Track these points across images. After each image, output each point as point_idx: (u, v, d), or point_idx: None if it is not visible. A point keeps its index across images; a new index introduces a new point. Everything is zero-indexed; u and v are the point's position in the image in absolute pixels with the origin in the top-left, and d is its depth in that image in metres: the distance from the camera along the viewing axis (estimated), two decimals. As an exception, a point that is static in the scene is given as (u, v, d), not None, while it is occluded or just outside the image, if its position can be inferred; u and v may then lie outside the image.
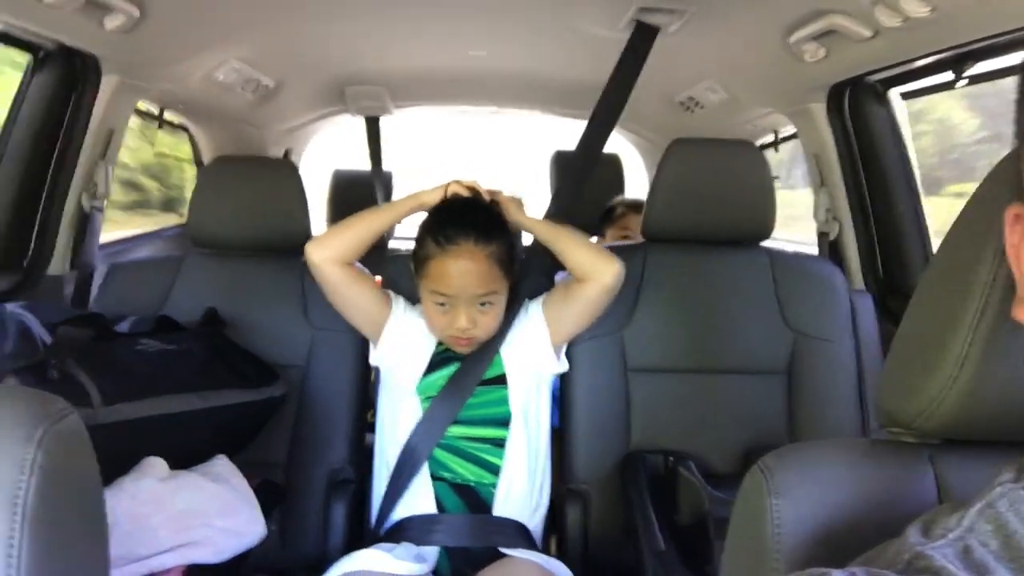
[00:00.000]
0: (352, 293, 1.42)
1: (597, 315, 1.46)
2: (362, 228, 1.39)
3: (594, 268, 1.37)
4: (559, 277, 1.83)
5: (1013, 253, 0.47)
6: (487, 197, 1.42)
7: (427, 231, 1.34)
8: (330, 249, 1.38)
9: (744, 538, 0.66)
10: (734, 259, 1.68)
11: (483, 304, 1.33)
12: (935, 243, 1.85)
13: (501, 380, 1.43)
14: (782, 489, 0.61)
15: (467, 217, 1.33)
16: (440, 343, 1.44)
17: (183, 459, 1.32)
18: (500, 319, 1.39)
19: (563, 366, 1.50)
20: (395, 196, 3.18)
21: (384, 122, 3.15)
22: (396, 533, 1.38)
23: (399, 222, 1.45)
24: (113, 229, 2.42)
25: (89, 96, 1.76)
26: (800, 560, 0.59)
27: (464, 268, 1.29)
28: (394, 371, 1.47)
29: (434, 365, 1.43)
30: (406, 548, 1.31)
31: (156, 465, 1.24)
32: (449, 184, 1.40)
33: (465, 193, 1.39)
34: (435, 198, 1.38)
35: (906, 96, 1.83)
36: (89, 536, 0.64)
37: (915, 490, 0.62)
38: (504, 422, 1.41)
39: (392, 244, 3.33)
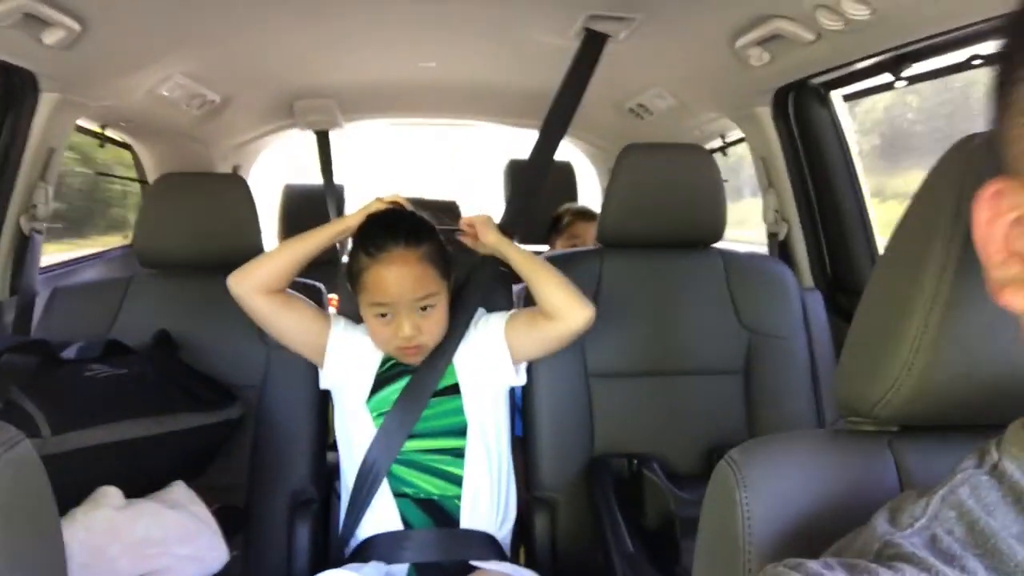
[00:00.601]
0: (283, 320, 1.40)
1: (557, 350, 1.46)
2: (284, 257, 1.38)
3: (567, 310, 1.36)
4: (517, 289, 1.84)
5: (982, 232, 0.46)
6: (408, 207, 1.41)
7: (358, 246, 1.34)
8: (253, 279, 1.36)
9: (715, 532, 0.66)
10: (688, 261, 1.70)
11: (424, 308, 1.33)
12: (880, 241, 1.91)
13: (455, 390, 1.42)
14: (750, 482, 0.62)
15: (394, 224, 1.33)
16: (387, 358, 1.43)
17: (139, 487, 1.28)
18: (444, 323, 1.38)
19: (521, 379, 1.49)
20: (347, 209, 3.16)
21: (335, 135, 3.12)
22: (363, 552, 1.36)
23: (325, 247, 1.42)
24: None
25: (27, 114, 1.70)
26: (772, 550, 0.60)
27: (398, 273, 1.29)
28: (342, 391, 1.45)
29: (383, 381, 1.41)
30: (375, 567, 1.29)
31: (110, 494, 1.20)
32: (370, 204, 1.40)
33: (388, 208, 1.39)
34: (356, 220, 1.38)
35: (847, 98, 1.88)
36: (47, 565, 0.62)
37: (877, 477, 0.63)
38: (461, 431, 1.40)
39: (346, 259, 3.30)
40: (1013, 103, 0.43)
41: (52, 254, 2.27)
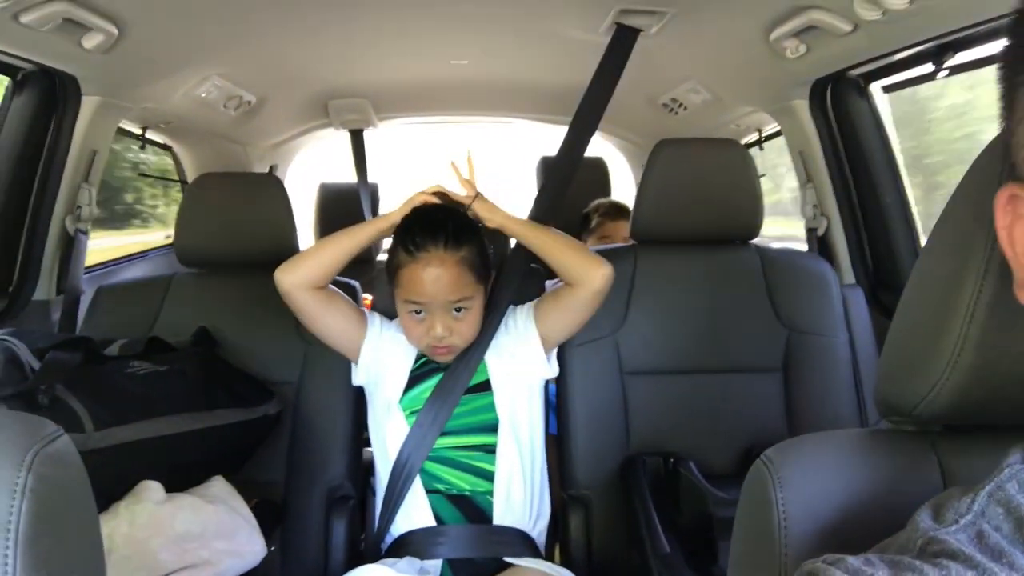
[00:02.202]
0: (325, 316, 1.41)
1: (587, 319, 1.45)
2: (329, 252, 1.39)
3: (584, 272, 1.37)
4: (550, 284, 1.83)
5: (1006, 236, 0.47)
6: (457, 198, 1.41)
7: (398, 241, 1.34)
8: (298, 275, 1.37)
9: (751, 532, 0.65)
10: (724, 258, 1.68)
11: (458, 310, 1.33)
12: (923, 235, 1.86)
13: (486, 386, 1.42)
14: (787, 482, 0.61)
15: (435, 224, 1.32)
16: (420, 356, 1.44)
17: (179, 481, 1.30)
18: (478, 325, 1.39)
19: (553, 370, 1.49)
20: (382, 208, 3.19)
21: (369, 134, 3.15)
22: (398, 548, 1.37)
23: (368, 244, 1.42)
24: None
25: (70, 117, 1.75)
26: (808, 552, 0.59)
27: (435, 275, 1.29)
28: (376, 389, 1.46)
29: (416, 379, 1.42)
30: (409, 563, 1.30)
31: (152, 488, 1.23)
32: (414, 197, 1.40)
33: (432, 201, 1.39)
34: (400, 216, 1.38)
35: (888, 89, 1.84)
36: (85, 558, 0.63)
37: (919, 478, 0.62)
38: (492, 428, 1.40)
39: (381, 257, 3.33)
40: (1021, 107, 0.42)
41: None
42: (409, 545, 1.36)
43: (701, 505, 1.37)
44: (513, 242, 1.53)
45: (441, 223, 1.32)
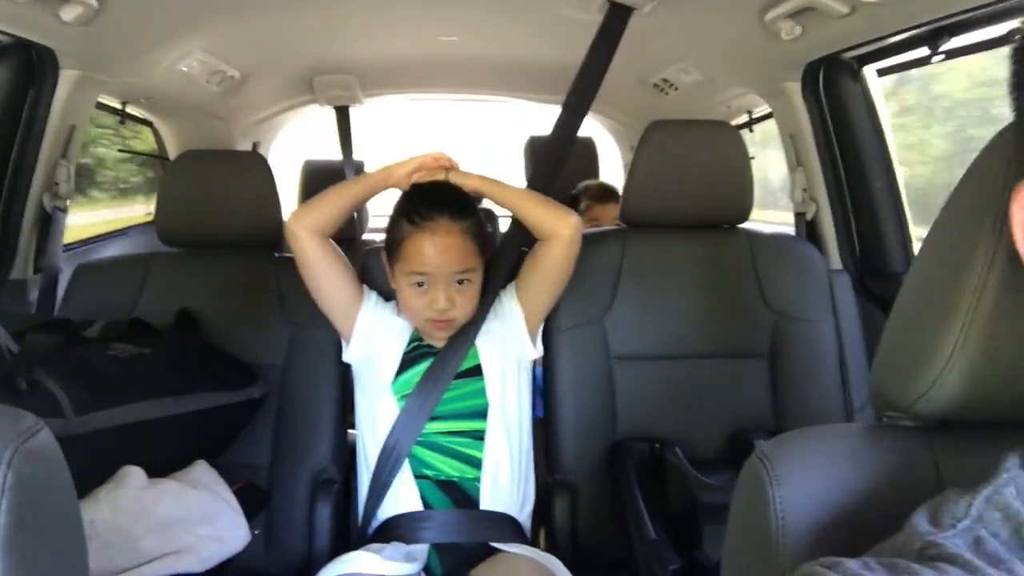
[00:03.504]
0: (328, 270, 1.40)
1: (564, 278, 1.45)
2: (339, 198, 1.40)
3: (552, 222, 1.39)
4: None
5: (1021, 232, 0.45)
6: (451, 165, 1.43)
7: (400, 213, 1.34)
8: (310, 217, 1.38)
9: (746, 529, 0.65)
10: (713, 242, 1.67)
11: (460, 282, 1.33)
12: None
13: (476, 371, 1.42)
14: (783, 479, 0.60)
15: (440, 194, 1.35)
16: (412, 339, 1.42)
17: (162, 466, 1.28)
18: (476, 300, 1.39)
19: (538, 351, 1.50)
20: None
21: (354, 110, 3.10)
22: (384, 532, 1.36)
23: (374, 195, 1.45)
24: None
25: (47, 91, 1.69)
26: (805, 549, 0.58)
27: (441, 244, 1.30)
28: (368, 370, 1.45)
29: (408, 363, 1.41)
30: (395, 548, 1.30)
31: (134, 474, 1.21)
32: (419, 157, 1.41)
33: (432, 163, 1.41)
34: (405, 170, 1.40)
35: (882, 73, 1.82)
36: (66, 554, 0.62)
37: (916, 475, 0.61)
38: (481, 413, 1.40)
39: (366, 236, 3.30)
40: None
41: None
42: (395, 529, 1.35)
43: (687, 490, 1.37)
44: (503, 227, 1.52)
45: (445, 194, 1.35)
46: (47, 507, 0.58)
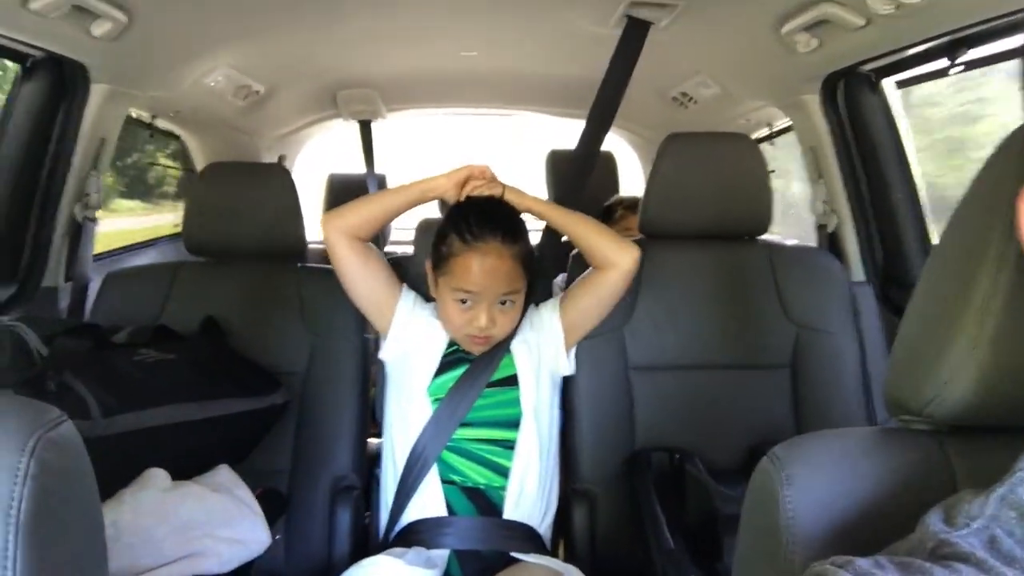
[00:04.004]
0: (363, 270, 1.41)
1: (612, 306, 1.47)
2: (375, 205, 1.41)
3: (615, 253, 1.40)
4: (558, 283, 1.83)
5: None
6: (488, 188, 1.41)
7: (452, 227, 1.33)
8: (344, 221, 1.38)
9: (757, 529, 0.65)
10: (733, 253, 1.67)
11: (503, 303, 1.33)
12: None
13: (512, 381, 1.42)
14: (794, 479, 0.61)
15: (493, 215, 1.33)
16: (451, 343, 1.43)
17: (185, 469, 1.30)
18: (517, 319, 1.39)
19: (572, 367, 1.51)
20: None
21: (377, 124, 3.15)
22: (406, 536, 1.37)
23: (414, 206, 1.44)
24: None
25: (79, 105, 1.75)
26: (814, 550, 0.58)
27: (491, 266, 1.29)
28: (404, 370, 1.45)
29: (445, 366, 1.42)
30: (416, 552, 1.30)
31: (158, 476, 1.23)
32: (460, 170, 1.40)
33: (478, 178, 1.40)
34: (454, 180, 1.39)
35: (901, 84, 1.82)
36: (86, 545, 0.63)
37: (928, 478, 0.61)
38: (514, 423, 1.40)
39: (389, 249, 3.33)
40: None
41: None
42: (417, 534, 1.36)
43: (706, 501, 1.36)
44: (536, 238, 1.52)
45: (499, 215, 1.34)
46: (68, 495, 0.60)
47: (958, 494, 0.49)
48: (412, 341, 1.44)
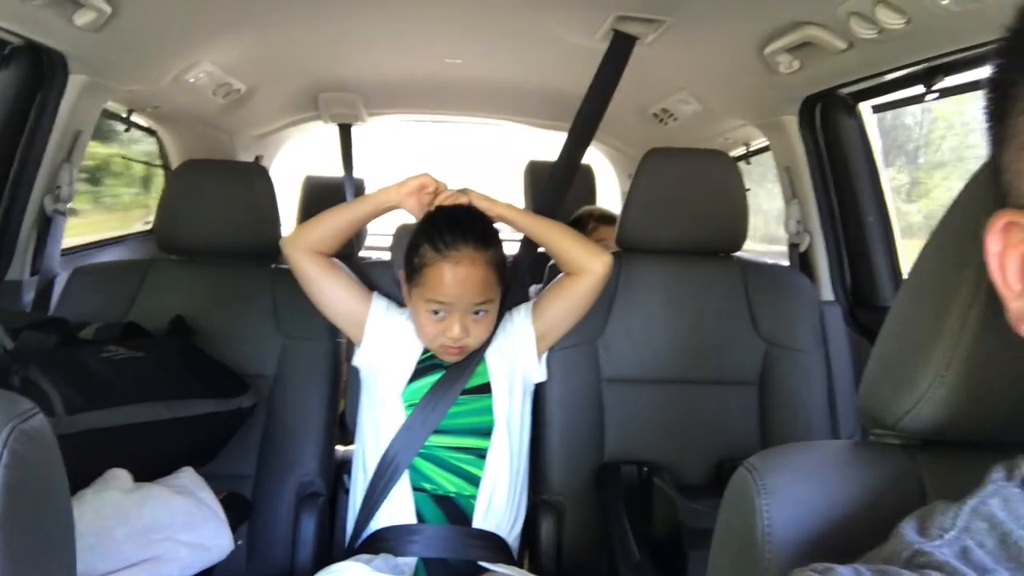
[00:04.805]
0: (328, 286, 1.42)
1: (584, 311, 1.47)
2: (334, 221, 1.41)
3: (587, 259, 1.40)
4: (533, 290, 1.83)
5: (996, 263, 0.46)
6: (451, 195, 1.40)
7: (424, 237, 1.32)
8: (304, 239, 1.40)
9: (734, 537, 0.65)
10: (707, 270, 1.69)
11: (477, 312, 1.33)
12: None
13: (486, 389, 1.42)
14: (771, 489, 0.61)
15: (465, 222, 1.32)
16: (426, 349, 1.42)
17: (148, 471, 1.27)
18: (491, 328, 1.39)
19: (543, 374, 1.51)
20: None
21: (356, 129, 3.13)
22: (373, 543, 1.35)
23: (372, 218, 1.44)
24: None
25: (55, 95, 1.71)
26: (791, 557, 0.59)
27: (464, 275, 1.28)
28: (377, 376, 1.44)
29: (419, 372, 1.41)
30: (384, 560, 1.29)
31: (120, 477, 1.20)
32: (410, 180, 1.39)
33: (428, 186, 1.38)
34: (405, 190, 1.38)
35: (877, 109, 1.86)
36: (57, 538, 0.62)
37: (899, 491, 0.62)
38: (487, 432, 1.40)
39: (362, 253, 3.31)
40: (1015, 136, 0.42)
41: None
42: (385, 541, 1.35)
43: (673, 515, 1.37)
44: (514, 249, 1.52)
45: (470, 222, 1.33)
46: (39, 490, 0.59)
47: (931, 505, 0.50)
48: (386, 347, 1.43)
